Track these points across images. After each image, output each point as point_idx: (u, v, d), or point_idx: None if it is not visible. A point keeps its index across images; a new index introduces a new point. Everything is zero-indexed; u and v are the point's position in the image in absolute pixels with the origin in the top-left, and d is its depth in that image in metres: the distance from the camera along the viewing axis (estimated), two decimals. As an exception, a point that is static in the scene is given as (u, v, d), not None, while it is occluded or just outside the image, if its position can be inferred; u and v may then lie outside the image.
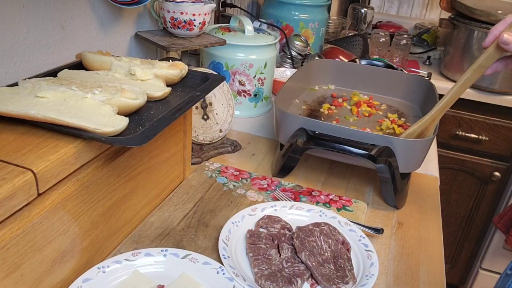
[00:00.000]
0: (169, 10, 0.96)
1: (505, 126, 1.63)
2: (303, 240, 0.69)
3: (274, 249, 0.69)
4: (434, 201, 0.91)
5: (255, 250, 0.68)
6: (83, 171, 0.57)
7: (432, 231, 0.82)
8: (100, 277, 0.59)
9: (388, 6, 2.24)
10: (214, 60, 1.12)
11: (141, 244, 0.69)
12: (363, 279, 0.64)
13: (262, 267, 0.65)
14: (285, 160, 0.88)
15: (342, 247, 0.69)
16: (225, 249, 0.67)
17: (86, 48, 0.92)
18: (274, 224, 0.74)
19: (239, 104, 1.16)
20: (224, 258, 0.65)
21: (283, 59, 1.44)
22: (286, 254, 0.68)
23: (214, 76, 0.79)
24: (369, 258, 0.68)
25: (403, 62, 1.69)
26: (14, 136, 0.54)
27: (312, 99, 1.12)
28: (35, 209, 0.50)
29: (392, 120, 1.03)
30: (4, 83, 0.72)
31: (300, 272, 0.65)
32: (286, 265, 0.66)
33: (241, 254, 0.69)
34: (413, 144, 0.82)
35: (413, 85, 1.13)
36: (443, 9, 1.72)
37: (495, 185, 1.74)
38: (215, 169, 0.92)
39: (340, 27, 1.93)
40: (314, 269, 0.65)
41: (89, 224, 0.61)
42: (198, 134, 0.96)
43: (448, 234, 1.86)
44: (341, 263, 0.66)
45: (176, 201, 0.80)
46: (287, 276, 0.64)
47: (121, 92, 0.61)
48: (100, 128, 0.54)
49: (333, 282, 0.63)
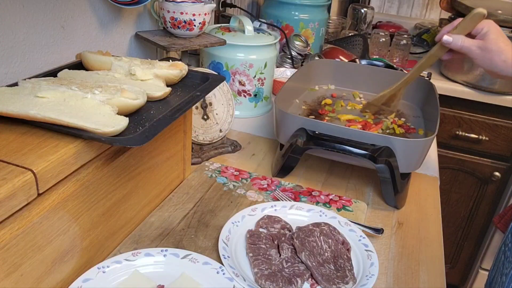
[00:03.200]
0: (169, 10, 0.96)
1: (505, 126, 1.63)
2: (303, 240, 0.69)
3: (274, 249, 0.69)
4: (434, 201, 0.90)
5: (255, 250, 0.68)
6: (83, 171, 0.57)
7: (432, 231, 0.82)
8: (100, 277, 0.59)
9: (388, 6, 2.24)
10: (214, 60, 1.12)
11: (141, 244, 0.69)
12: (363, 279, 0.64)
13: (262, 267, 0.64)
14: (285, 160, 0.88)
15: (342, 247, 0.69)
16: (225, 249, 0.67)
17: (86, 48, 0.92)
18: (274, 224, 0.74)
19: (239, 104, 1.16)
20: (224, 258, 0.64)
21: (283, 59, 1.44)
22: (286, 254, 0.68)
23: (214, 76, 0.79)
24: (369, 258, 0.68)
25: (403, 62, 1.69)
26: (14, 136, 0.54)
27: (312, 99, 1.12)
28: (35, 209, 0.50)
29: (392, 121, 1.03)
30: (4, 83, 0.72)
31: (300, 272, 0.65)
32: (286, 265, 0.66)
33: (241, 254, 0.68)
34: (413, 144, 0.82)
35: (413, 85, 1.13)
36: (443, 9, 1.72)
37: (495, 185, 1.73)
38: (215, 169, 0.92)
39: (340, 27, 1.93)
40: (314, 269, 0.65)
41: (89, 224, 0.61)
42: (198, 134, 0.96)
43: (448, 234, 1.86)
44: (341, 263, 0.66)
45: (176, 201, 0.80)
46: (287, 276, 0.64)
47: (121, 92, 0.61)
48: (100, 128, 0.54)
49: (333, 282, 0.63)
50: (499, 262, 0.88)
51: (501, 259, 0.87)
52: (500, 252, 0.89)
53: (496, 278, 0.87)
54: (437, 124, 0.86)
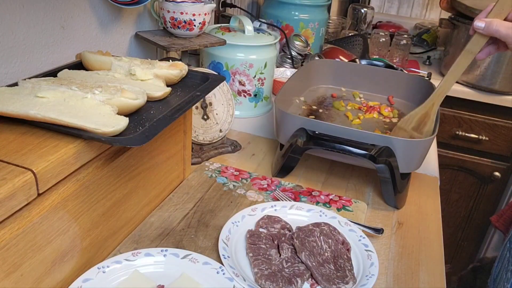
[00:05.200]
0: (169, 10, 0.96)
1: (505, 126, 1.63)
2: (303, 240, 0.69)
3: (274, 249, 0.69)
4: (434, 201, 0.90)
5: (255, 250, 0.68)
6: (83, 171, 0.57)
7: (432, 231, 0.82)
8: (100, 277, 0.59)
9: (388, 6, 2.24)
10: (214, 60, 1.12)
11: (141, 244, 0.69)
12: (363, 279, 0.64)
13: (262, 267, 0.64)
14: (285, 160, 0.88)
15: (342, 247, 0.69)
16: (225, 249, 0.67)
17: (86, 48, 0.92)
18: (274, 224, 0.74)
19: (239, 104, 1.16)
20: (224, 258, 0.64)
21: (283, 59, 1.44)
22: (286, 254, 0.68)
23: (214, 76, 0.79)
24: (369, 258, 0.68)
25: (403, 62, 1.69)
26: (14, 136, 0.54)
27: (312, 99, 1.12)
28: (35, 209, 0.50)
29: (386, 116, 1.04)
30: (4, 83, 0.72)
31: (300, 272, 0.65)
32: (286, 265, 0.66)
33: (241, 254, 0.68)
34: (413, 144, 0.82)
35: (413, 85, 1.13)
36: (443, 9, 1.72)
37: (495, 185, 1.74)
38: (215, 169, 0.92)
39: (340, 27, 1.93)
40: (314, 269, 0.65)
41: (89, 224, 0.61)
42: (198, 134, 0.96)
43: (448, 234, 1.86)
44: (341, 263, 0.66)
45: (176, 201, 0.80)
46: (287, 276, 0.64)
47: (121, 92, 0.61)
48: (100, 128, 0.54)
49: (333, 282, 0.63)
50: (503, 259, 0.88)
51: (506, 256, 0.87)
52: (504, 249, 0.89)
53: (501, 275, 0.87)
54: (437, 124, 0.86)
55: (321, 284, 0.64)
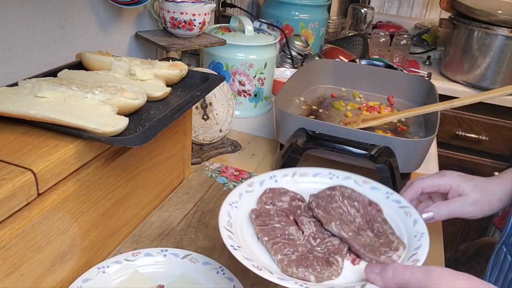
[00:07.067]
0: (169, 10, 0.96)
1: (505, 126, 1.63)
2: (326, 208, 0.56)
3: (292, 226, 0.56)
4: (434, 201, 0.90)
5: (269, 232, 0.54)
6: (83, 171, 0.57)
7: (432, 231, 0.81)
8: (100, 277, 0.59)
9: (388, 6, 2.24)
10: (214, 60, 1.12)
11: (141, 244, 0.69)
12: (412, 241, 0.53)
13: (287, 251, 0.52)
14: (285, 160, 0.88)
15: (371, 208, 0.58)
16: (232, 238, 0.52)
17: (86, 48, 0.92)
18: (281, 197, 0.61)
19: (239, 104, 1.16)
20: (235, 249, 0.50)
21: (283, 59, 1.44)
22: (310, 229, 0.56)
23: (214, 76, 0.79)
24: (408, 215, 0.56)
25: (403, 62, 1.69)
26: (14, 136, 0.54)
27: (312, 99, 1.12)
28: (35, 209, 0.50)
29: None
30: (4, 83, 0.72)
31: (335, 248, 0.52)
32: (315, 243, 0.54)
33: (251, 241, 0.55)
34: (413, 144, 0.82)
35: (413, 85, 1.13)
36: (443, 9, 1.72)
37: (495, 185, 1.73)
38: (215, 169, 0.92)
39: (340, 27, 1.93)
40: (352, 240, 0.53)
41: (89, 224, 0.61)
42: (198, 134, 0.96)
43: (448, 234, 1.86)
44: (378, 227, 0.55)
45: (176, 201, 0.80)
46: (321, 256, 0.51)
47: (121, 92, 0.61)
48: (100, 128, 0.54)
49: (379, 252, 0.51)
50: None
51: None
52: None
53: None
54: (437, 124, 0.86)
55: (365, 257, 0.51)
